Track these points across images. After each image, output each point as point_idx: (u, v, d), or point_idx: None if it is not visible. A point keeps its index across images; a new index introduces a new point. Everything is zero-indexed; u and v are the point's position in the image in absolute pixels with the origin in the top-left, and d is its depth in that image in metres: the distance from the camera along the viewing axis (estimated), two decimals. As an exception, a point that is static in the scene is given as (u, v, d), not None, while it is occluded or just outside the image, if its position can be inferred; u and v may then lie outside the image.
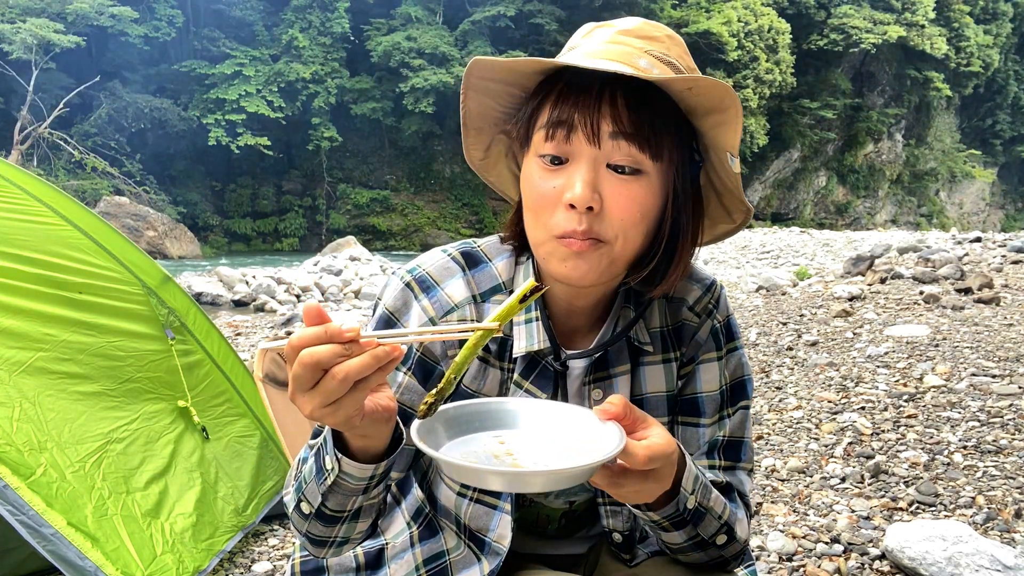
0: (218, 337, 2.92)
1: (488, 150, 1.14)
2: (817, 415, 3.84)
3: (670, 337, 1.16)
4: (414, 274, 1.10)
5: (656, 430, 0.87)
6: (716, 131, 0.98)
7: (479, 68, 1.01)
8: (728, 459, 1.15)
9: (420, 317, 1.07)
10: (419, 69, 32.38)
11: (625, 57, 0.96)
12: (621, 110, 0.94)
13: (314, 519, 0.98)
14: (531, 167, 1.01)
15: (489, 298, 1.10)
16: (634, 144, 0.95)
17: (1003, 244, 12.56)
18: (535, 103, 1.01)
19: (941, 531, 2.30)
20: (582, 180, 0.94)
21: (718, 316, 1.18)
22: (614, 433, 0.84)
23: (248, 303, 12.55)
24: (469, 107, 1.07)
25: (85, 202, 8.66)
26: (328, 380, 0.75)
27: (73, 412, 2.25)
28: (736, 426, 1.17)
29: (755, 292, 9.59)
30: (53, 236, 2.48)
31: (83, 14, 26.34)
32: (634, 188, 0.96)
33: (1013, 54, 49.05)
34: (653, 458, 0.84)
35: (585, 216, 0.95)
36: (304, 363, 0.75)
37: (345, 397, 0.77)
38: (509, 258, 1.13)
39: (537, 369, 1.10)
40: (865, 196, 45.04)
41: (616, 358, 1.13)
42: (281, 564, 2.56)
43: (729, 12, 36.86)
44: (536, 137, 1.00)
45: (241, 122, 30.04)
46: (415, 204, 35.23)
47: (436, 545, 1.15)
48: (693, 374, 1.16)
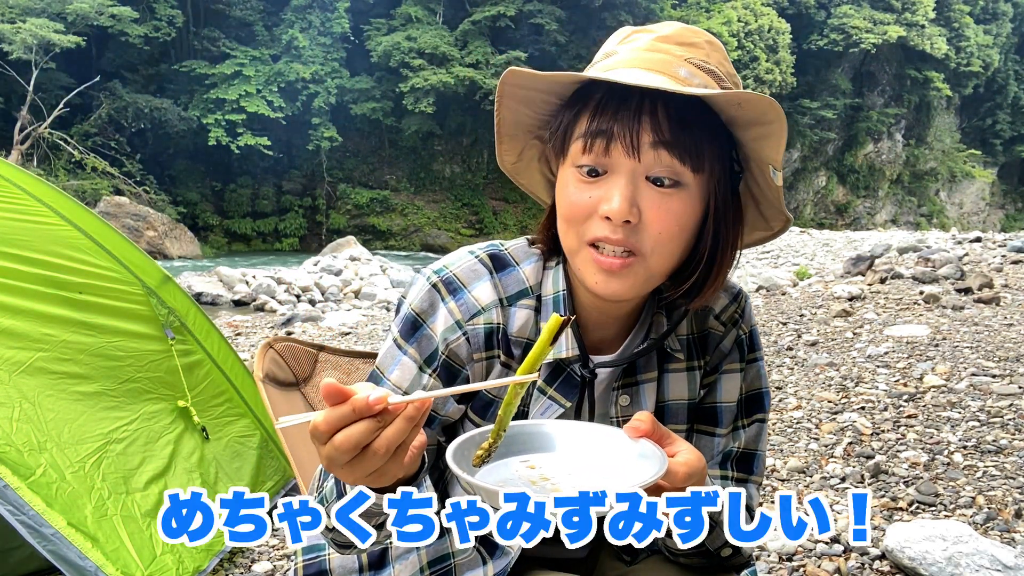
0: (218, 337, 2.92)
1: (521, 154, 1.13)
2: (817, 415, 3.84)
3: (695, 345, 1.15)
4: (441, 275, 1.08)
5: (684, 445, 0.87)
6: (758, 144, 0.96)
7: (515, 78, 0.99)
8: (741, 471, 1.15)
9: (446, 319, 1.06)
10: (419, 69, 32.35)
11: (665, 66, 0.94)
12: (662, 120, 0.92)
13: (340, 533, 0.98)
14: (567, 177, 0.99)
15: (516, 302, 1.08)
16: (675, 155, 0.92)
17: (1003, 244, 12.55)
18: (572, 113, 0.98)
19: (941, 531, 2.30)
20: (620, 194, 0.92)
21: (743, 326, 1.17)
22: (651, 453, 0.82)
23: (248, 303, 12.55)
24: (504, 115, 1.06)
25: (85, 202, 8.66)
26: (370, 457, 0.74)
27: (73, 412, 2.25)
28: (751, 439, 1.16)
29: (755, 292, 9.58)
30: (53, 236, 2.48)
31: (83, 14, 26.30)
32: (674, 202, 0.94)
33: (1013, 54, 49.01)
34: (691, 475, 0.84)
35: (621, 228, 0.93)
36: (340, 447, 0.72)
37: (388, 464, 0.76)
38: (537, 262, 1.11)
39: (562, 376, 1.08)
40: (865, 196, 45.01)
41: (644, 365, 1.12)
42: (281, 564, 2.56)
43: (729, 12, 36.86)
44: (573, 148, 0.97)
45: (241, 122, 30.01)
46: (415, 204, 35.19)
47: (442, 546, 1.14)
48: (715, 384, 1.16)
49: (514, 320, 1.07)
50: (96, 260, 2.56)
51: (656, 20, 1.14)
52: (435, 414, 1.07)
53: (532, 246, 1.13)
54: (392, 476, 0.79)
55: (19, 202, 2.47)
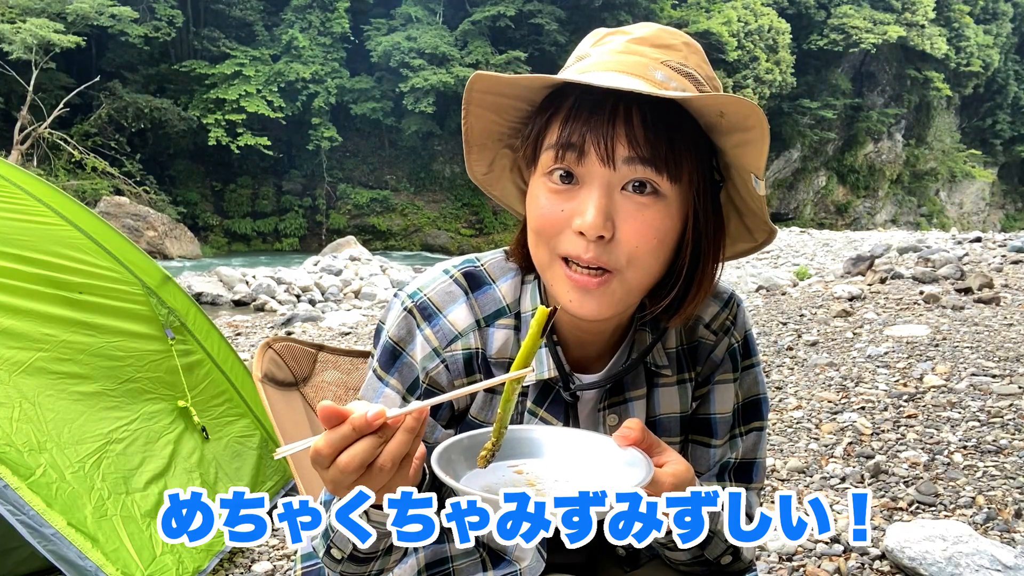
0: (218, 337, 2.92)
1: (492, 165, 1.08)
2: (817, 415, 3.84)
3: (685, 357, 1.11)
4: (415, 300, 1.05)
5: (673, 456, 0.86)
6: (739, 151, 0.91)
7: (482, 83, 0.94)
8: (739, 480, 1.13)
9: (424, 347, 1.03)
10: (419, 69, 32.35)
11: (640, 69, 0.89)
12: (637, 129, 0.87)
13: (347, 562, 0.97)
14: (538, 188, 0.94)
15: (493, 322, 1.05)
16: (651, 165, 0.88)
17: (1003, 244, 12.55)
18: (543, 120, 0.93)
19: (941, 531, 2.30)
20: (595, 206, 0.87)
21: (735, 334, 1.13)
22: (638, 461, 0.82)
23: (248, 303, 12.56)
24: (471, 124, 1.01)
25: (85, 202, 8.66)
26: (376, 473, 0.74)
27: (73, 412, 2.25)
28: (749, 448, 1.14)
29: (755, 292, 9.58)
30: (53, 236, 2.48)
31: (83, 14, 26.29)
32: (650, 213, 0.89)
33: (1013, 54, 49.01)
34: (676, 485, 0.83)
35: (593, 245, 0.88)
36: (345, 468, 0.72)
37: (394, 479, 0.76)
38: (514, 278, 1.07)
39: (551, 396, 1.06)
40: (865, 196, 45.01)
41: (632, 382, 1.09)
42: (281, 564, 2.56)
43: (729, 12, 36.84)
44: (544, 157, 0.93)
45: (241, 122, 30.00)
46: (415, 204, 35.19)
47: (440, 550, 1.13)
48: (708, 395, 1.13)
49: (492, 341, 1.04)
50: (96, 260, 2.56)
51: (656, 20, 1.11)
52: (425, 442, 1.06)
53: (509, 259, 1.09)
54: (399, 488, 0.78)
55: (19, 202, 2.47)
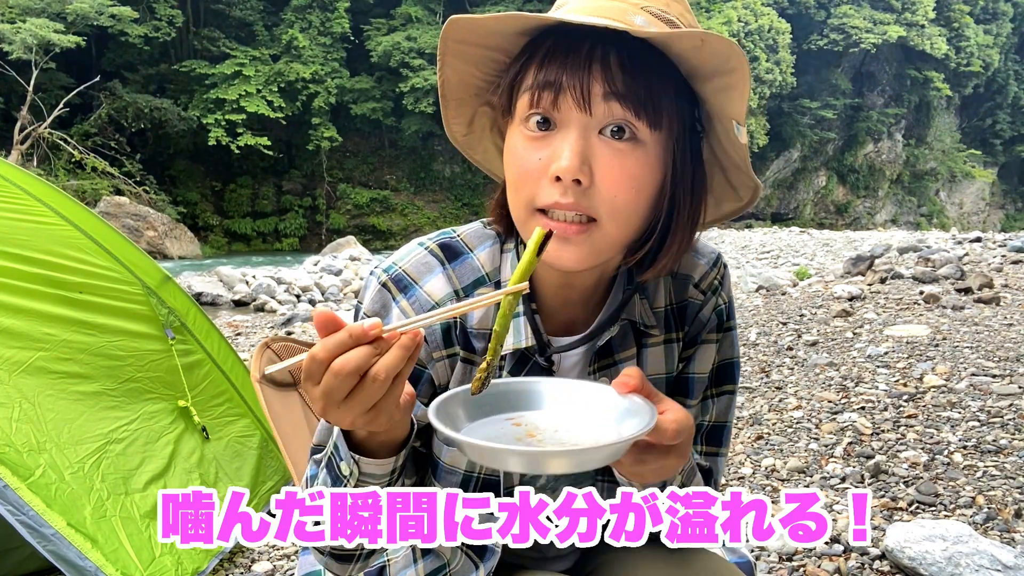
0: (218, 337, 2.92)
1: (471, 124, 1.06)
2: (817, 415, 3.84)
3: (674, 317, 1.10)
4: (390, 273, 1.03)
5: (672, 404, 0.84)
6: (721, 96, 0.89)
7: (456, 30, 0.92)
8: (711, 445, 1.13)
9: (400, 319, 1.00)
10: (419, 69, 32.36)
11: (618, 14, 0.86)
12: (615, 70, 0.85)
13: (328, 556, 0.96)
14: (515, 137, 0.92)
15: (472, 292, 1.03)
16: (629, 107, 0.85)
17: (1003, 244, 12.56)
18: (519, 66, 0.91)
19: (941, 531, 2.30)
20: (571, 148, 0.85)
21: (723, 295, 1.12)
22: (640, 408, 0.80)
23: (248, 303, 12.55)
24: (447, 75, 0.98)
25: (85, 202, 8.66)
26: (369, 384, 0.72)
27: (73, 412, 2.25)
28: (721, 411, 1.14)
29: (755, 292, 9.58)
30: (53, 236, 2.48)
31: (83, 14, 26.29)
32: (629, 160, 0.87)
33: (1013, 54, 49.02)
34: (679, 432, 0.81)
35: (572, 189, 0.86)
36: (339, 373, 0.70)
37: (385, 398, 0.74)
38: (493, 246, 1.05)
39: (528, 365, 1.04)
40: (865, 196, 45.02)
41: (620, 343, 1.06)
42: (281, 564, 2.56)
43: (729, 12, 36.86)
44: (520, 103, 0.91)
45: (241, 122, 30.01)
46: (415, 204, 35.22)
47: (437, 560, 1.13)
48: (692, 356, 1.11)
49: (473, 312, 1.02)
50: (96, 260, 2.56)
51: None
52: None
53: (488, 227, 1.07)
54: (388, 416, 0.77)
55: (19, 202, 2.47)
